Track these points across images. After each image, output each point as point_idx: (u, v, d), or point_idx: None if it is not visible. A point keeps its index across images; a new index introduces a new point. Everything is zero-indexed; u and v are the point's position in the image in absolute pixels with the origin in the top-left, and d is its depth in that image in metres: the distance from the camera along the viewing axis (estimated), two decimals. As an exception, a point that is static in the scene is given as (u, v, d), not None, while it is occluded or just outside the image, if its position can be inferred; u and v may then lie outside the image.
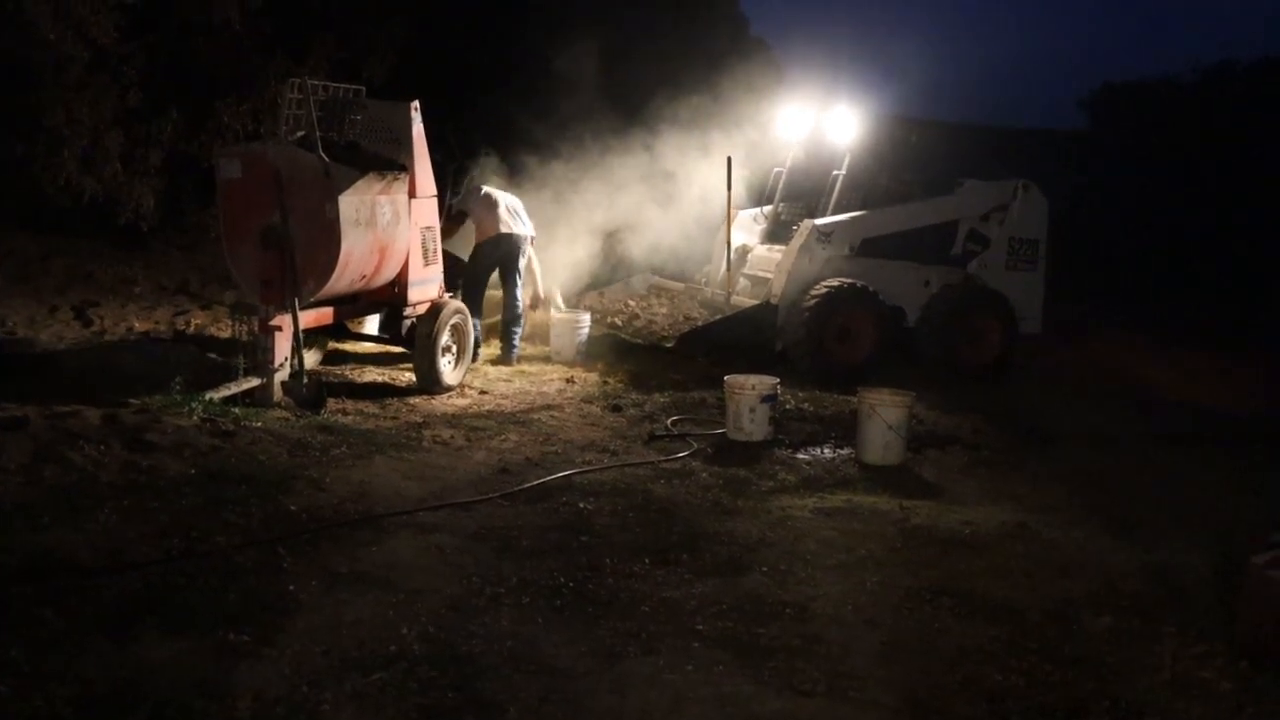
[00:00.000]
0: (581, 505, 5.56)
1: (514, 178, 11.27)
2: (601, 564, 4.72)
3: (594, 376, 9.06)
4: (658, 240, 11.01)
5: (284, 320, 6.98)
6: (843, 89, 10.77)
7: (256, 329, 6.99)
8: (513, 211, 9.22)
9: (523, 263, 9.25)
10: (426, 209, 8.06)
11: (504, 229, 9.06)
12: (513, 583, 4.43)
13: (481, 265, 9.16)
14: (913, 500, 6.11)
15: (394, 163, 7.67)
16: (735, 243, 10.40)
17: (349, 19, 13.64)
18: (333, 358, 8.80)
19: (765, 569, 4.82)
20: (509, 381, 8.71)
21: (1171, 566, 5.15)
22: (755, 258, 10.69)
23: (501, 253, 9.14)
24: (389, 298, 8.02)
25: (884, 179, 10.75)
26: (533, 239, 9.38)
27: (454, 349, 8.15)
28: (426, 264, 8.08)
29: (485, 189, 9.35)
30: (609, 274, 11.55)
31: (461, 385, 8.18)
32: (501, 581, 4.44)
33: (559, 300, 9.55)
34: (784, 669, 3.83)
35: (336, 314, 7.73)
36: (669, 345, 9.60)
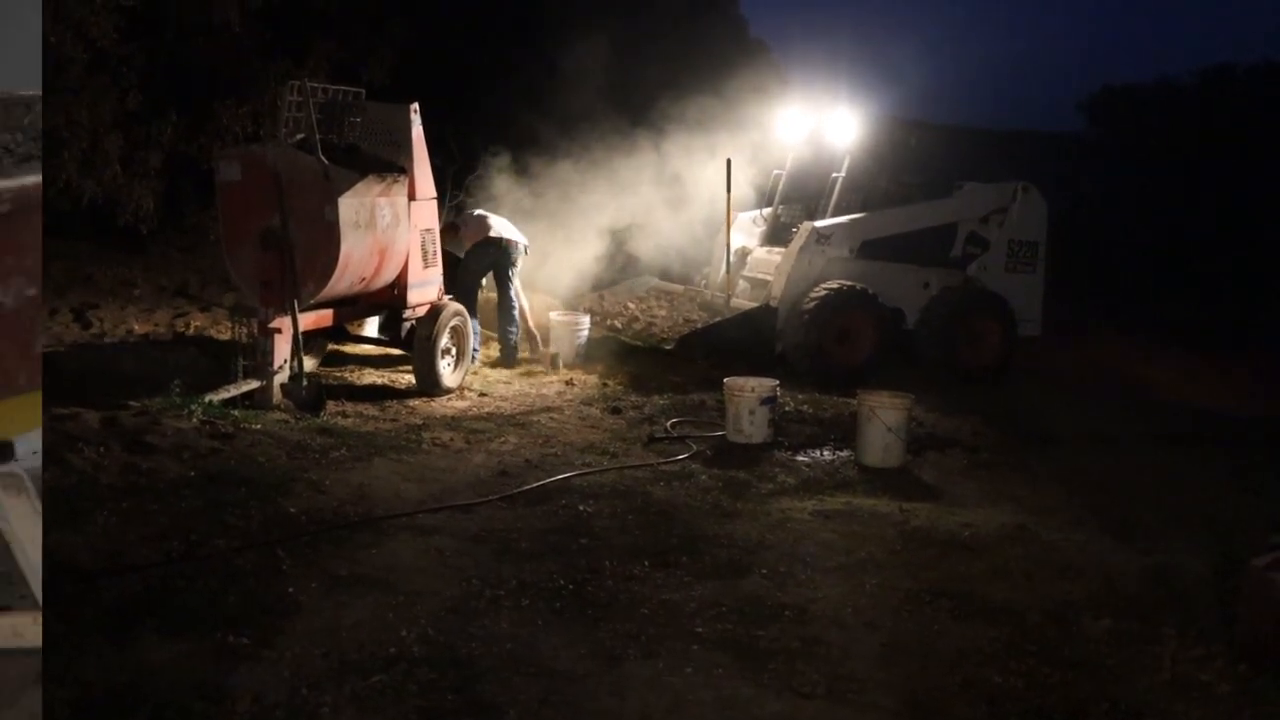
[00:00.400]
0: (581, 508, 5.56)
1: (515, 179, 11.28)
2: (601, 566, 4.72)
3: (593, 379, 9.06)
4: (660, 242, 11.01)
5: (283, 322, 6.98)
6: (842, 91, 10.78)
7: (256, 331, 7.00)
8: (504, 224, 9.34)
9: (515, 271, 9.28)
10: (426, 211, 8.07)
11: (493, 234, 9.13)
12: (512, 585, 4.43)
13: (475, 268, 9.19)
14: (912, 502, 6.11)
15: (394, 165, 7.68)
16: (735, 245, 10.39)
17: (349, 21, 13.62)
18: (332, 360, 8.79)
19: (765, 571, 4.82)
20: (508, 384, 8.72)
21: (1171, 568, 5.14)
22: (755, 260, 10.68)
23: (494, 256, 9.17)
24: (388, 300, 8.03)
25: (883, 181, 10.76)
26: (527, 247, 9.40)
27: (453, 351, 8.15)
28: (426, 266, 8.09)
29: (477, 211, 9.53)
30: (613, 276, 11.55)
31: (461, 387, 8.18)
32: (501, 584, 4.44)
33: (560, 362, 9.44)
34: (784, 671, 3.83)
35: (336, 316, 7.74)
36: (668, 347, 9.57)
